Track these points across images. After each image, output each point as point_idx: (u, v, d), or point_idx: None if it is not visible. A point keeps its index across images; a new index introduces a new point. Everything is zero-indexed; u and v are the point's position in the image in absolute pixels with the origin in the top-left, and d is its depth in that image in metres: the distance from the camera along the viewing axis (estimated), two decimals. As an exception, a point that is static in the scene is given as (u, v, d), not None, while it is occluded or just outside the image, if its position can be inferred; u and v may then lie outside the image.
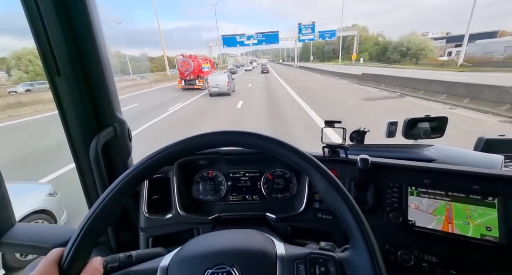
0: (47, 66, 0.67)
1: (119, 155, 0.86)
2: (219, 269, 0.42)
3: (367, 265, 0.38)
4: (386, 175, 0.71)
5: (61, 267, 0.38)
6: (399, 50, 49.16)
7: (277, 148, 0.44)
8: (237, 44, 49.41)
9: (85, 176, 0.81)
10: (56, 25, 0.64)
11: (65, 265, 0.38)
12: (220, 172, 0.93)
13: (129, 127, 0.88)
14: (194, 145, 0.45)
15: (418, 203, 0.66)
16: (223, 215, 0.85)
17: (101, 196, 0.41)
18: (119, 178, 0.42)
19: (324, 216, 0.78)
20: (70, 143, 0.76)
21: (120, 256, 0.49)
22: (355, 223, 0.40)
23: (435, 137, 1.02)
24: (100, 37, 0.72)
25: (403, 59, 48.61)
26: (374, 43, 65.32)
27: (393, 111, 8.04)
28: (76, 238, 0.38)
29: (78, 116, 0.73)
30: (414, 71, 26.11)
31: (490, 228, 0.59)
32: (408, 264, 0.63)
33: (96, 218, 0.39)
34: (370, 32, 72.74)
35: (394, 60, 50.14)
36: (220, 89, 13.24)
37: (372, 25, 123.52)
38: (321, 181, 0.43)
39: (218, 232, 0.52)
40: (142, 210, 0.83)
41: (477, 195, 0.61)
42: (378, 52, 60.26)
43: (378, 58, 59.53)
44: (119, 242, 0.84)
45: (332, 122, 0.76)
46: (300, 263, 0.43)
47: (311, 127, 6.37)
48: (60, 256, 0.39)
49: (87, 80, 0.73)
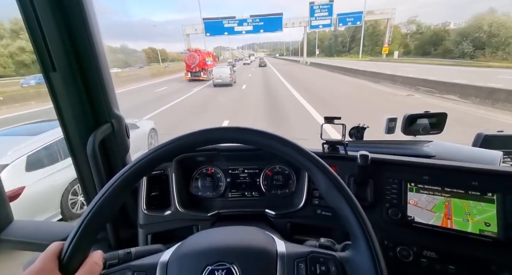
0: (42, 62, 0.65)
1: (117, 152, 0.85)
2: (219, 266, 0.41)
3: (368, 265, 0.38)
4: (386, 171, 0.71)
5: (61, 260, 0.38)
6: (473, 39, 30.37)
7: (277, 145, 0.44)
8: (224, 31, 35.22)
9: (83, 173, 0.80)
10: (51, 19, 0.62)
11: (65, 259, 0.38)
12: (219, 168, 0.93)
13: (127, 123, 0.88)
14: (193, 141, 0.44)
15: (417, 199, 0.66)
16: (222, 212, 0.85)
17: (100, 193, 0.40)
18: (117, 175, 0.41)
19: (323, 213, 0.78)
20: (66, 139, 0.75)
21: (119, 253, 0.49)
22: (357, 223, 0.40)
23: (434, 133, 1.02)
24: (96, 31, 0.71)
25: (478, 53, 29.90)
26: (410, 32, 49.51)
27: None
28: (76, 233, 0.38)
29: (74, 112, 0.72)
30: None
31: (489, 223, 0.59)
32: (407, 260, 0.64)
33: (95, 214, 0.39)
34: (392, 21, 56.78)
35: (463, 53, 31.65)
36: (223, 80, 14.99)
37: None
38: (323, 179, 0.42)
39: (218, 229, 0.52)
40: (140, 206, 0.83)
41: (476, 191, 0.61)
42: (423, 43, 43.39)
43: (422, 51, 43.20)
44: (118, 239, 0.84)
45: (332, 119, 0.75)
46: (300, 261, 0.43)
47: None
48: (60, 250, 0.39)
49: (83, 76, 0.72)
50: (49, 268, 0.36)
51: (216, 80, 15.07)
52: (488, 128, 1.01)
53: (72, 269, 0.38)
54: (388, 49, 40.38)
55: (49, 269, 0.36)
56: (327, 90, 12.70)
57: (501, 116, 6.65)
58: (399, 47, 48.59)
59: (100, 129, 0.75)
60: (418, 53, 44.73)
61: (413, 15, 64.60)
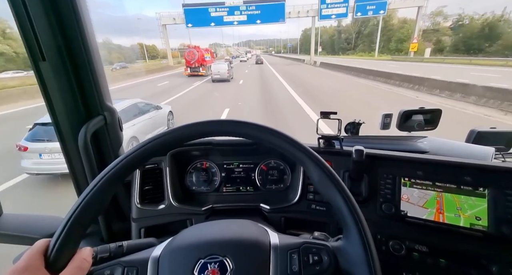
0: (31, 51, 0.63)
1: (109, 145, 0.84)
2: (212, 258, 0.41)
3: (359, 253, 0.38)
4: (380, 166, 0.71)
5: (47, 257, 0.37)
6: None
7: (271, 138, 0.43)
8: (211, 22, 28.10)
9: (74, 166, 0.78)
10: (39, 6, 0.60)
11: (52, 256, 0.36)
12: (214, 162, 0.92)
13: (120, 116, 0.86)
14: (185, 134, 0.44)
15: (410, 193, 0.67)
16: (216, 206, 0.84)
17: (90, 185, 0.39)
18: (109, 166, 0.40)
19: (318, 207, 0.78)
20: (57, 131, 0.73)
21: (110, 246, 0.48)
22: (349, 212, 0.40)
23: (428, 129, 1.03)
24: (88, 21, 0.69)
25: None
26: (447, 26, 37.41)
27: None
28: (64, 227, 0.37)
29: (65, 104, 0.70)
30: None
31: (480, 218, 0.60)
32: (399, 254, 0.64)
33: (84, 207, 0.38)
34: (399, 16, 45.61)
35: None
36: (221, 76, 15.90)
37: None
38: (315, 170, 0.42)
39: (211, 222, 0.51)
40: (134, 200, 0.82)
41: (468, 186, 0.62)
42: (468, 37, 33.29)
43: (467, 48, 33.36)
44: (110, 232, 0.83)
45: (328, 114, 0.75)
46: (293, 252, 0.43)
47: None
48: (47, 246, 0.37)
49: (74, 67, 0.70)
50: (34, 266, 0.35)
51: (215, 76, 15.84)
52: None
53: (58, 267, 0.37)
54: (416, 46, 30.52)
55: (34, 267, 0.35)
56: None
57: None
58: (436, 43, 37.77)
59: (92, 122, 0.74)
60: (458, 51, 33.89)
61: (440, 5, 48.19)
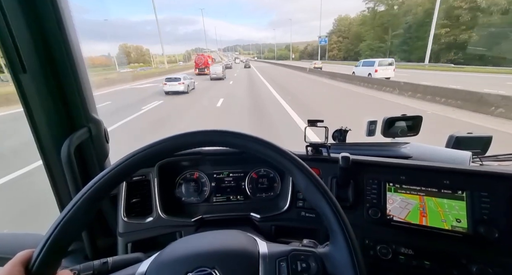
0: (10, 62, 0.61)
1: (95, 157, 0.81)
2: (200, 271, 0.40)
3: (346, 258, 0.39)
4: (366, 172, 0.73)
5: (28, 271, 0.35)
6: None
7: (257, 146, 0.43)
8: None
9: (57, 181, 0.75)
10: (20, 16, 0.59)
11: (34, 269, 0.35)
12: (203, 172, 0.91)
13: (106, 128, 0.84)
14: (172, 146, 0.43)
15: (395, 198, 0.69)
16: (206, 217, 0.83)
17: (74, 199, 0.38)
18: (94, 180, 0.39)
19: (307, 214, 0.79)
20: (38, 145, 0.70)
21: (94, 263, 0.46)
22: (335, 218, 0.40)
23: (411, 135, 1.07)
24: (71, 30, 0.67)
25: None
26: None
27: None
28: (46, 242, 0.35)
29: (47, 116, 0.68)
30: None
31: (460, 220, 0.63)
32: (386, 258, 0.66)
33: (66, 224, 0.36)
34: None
35: None
36: (217, 75, 21.76)
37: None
38: (302, 178, 0.43)
39: (199, 234, 0.51)
40: (120, 214, 0.79)
41: (448, 190, 0.65)
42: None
43: None
44: (95, 249, 0.79)
45: (315, 122, 0.77)
46: (282, 260, 0.43)
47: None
48: (29, 258, 0.36)
49: (57, 78, 0.68)
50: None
51: (212, 75, 21.83)
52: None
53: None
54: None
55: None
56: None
57: None
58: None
59: (76, 134, 0.72)
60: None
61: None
